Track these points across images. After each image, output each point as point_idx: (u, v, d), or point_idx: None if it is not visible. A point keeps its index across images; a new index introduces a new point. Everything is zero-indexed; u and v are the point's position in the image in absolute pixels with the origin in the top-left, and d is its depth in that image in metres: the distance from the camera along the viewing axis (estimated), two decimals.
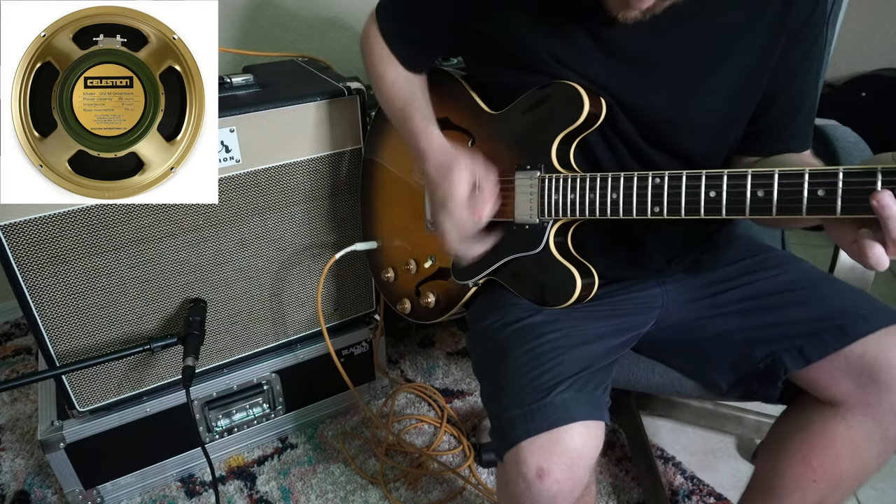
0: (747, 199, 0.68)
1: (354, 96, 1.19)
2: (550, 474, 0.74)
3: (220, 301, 1.23)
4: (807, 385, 0.85)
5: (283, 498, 1.31)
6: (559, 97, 0.84)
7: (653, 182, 0.75)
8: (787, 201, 0.65)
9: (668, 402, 1.50)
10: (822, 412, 0.84)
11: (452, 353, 1.73)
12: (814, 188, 0.64)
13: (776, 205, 0.66)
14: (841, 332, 0.81)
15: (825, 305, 0.85)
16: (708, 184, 0.71)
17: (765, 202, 0.67)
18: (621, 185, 0.78)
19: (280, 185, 1.19)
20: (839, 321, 0.82)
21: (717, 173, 0.70)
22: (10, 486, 1.34)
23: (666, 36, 0.80)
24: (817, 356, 0.82)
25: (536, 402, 0.77)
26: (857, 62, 2.26)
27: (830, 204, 0.63)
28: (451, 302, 1.04)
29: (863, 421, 0.80)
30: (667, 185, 0.74)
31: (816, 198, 0.64)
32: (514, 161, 0.90)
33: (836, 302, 0.85)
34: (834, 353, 0.80)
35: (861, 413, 0.80)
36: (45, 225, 1.00)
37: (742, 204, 0.68)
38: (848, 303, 0.85)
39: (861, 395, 0.79)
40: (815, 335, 0.82)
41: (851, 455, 0.82)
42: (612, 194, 0.79)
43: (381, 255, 1.19)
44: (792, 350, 0.84)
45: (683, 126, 0.85)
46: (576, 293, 0.86)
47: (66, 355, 1.11)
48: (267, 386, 1.36)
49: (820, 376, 0.82)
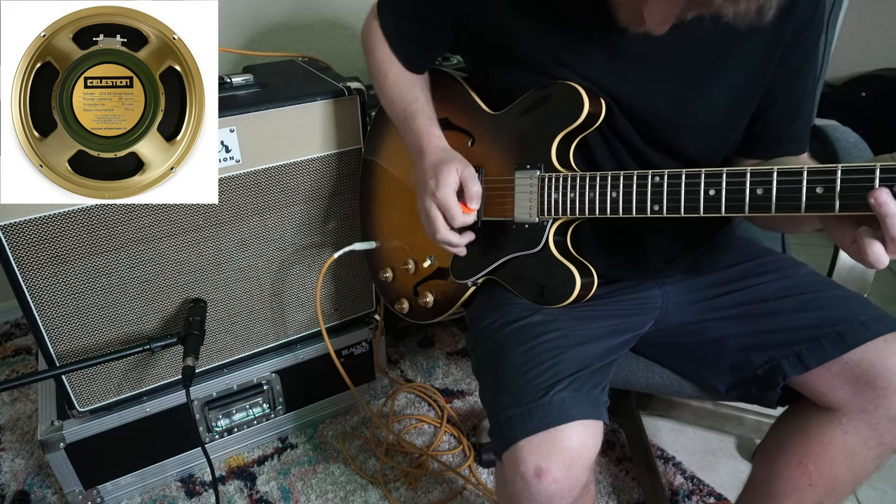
0: (746, 197, 0.68)
1: (354, 96, 1.19)
2: (548, 473, 0.74)
3: (220, 301, 1.23)
4: (804, 390, 0.85)
5: (283, 498, 1.31)
6: (559, 97, 0.84)
7: (652, 181, 0.75)
8: (786, 199, 0.66)
9: (668, 402, 1.50)
10: (818, 417, 0.84)
11: (452, 353, 1.73)
12: (812, 185, 0.64)
13: (775, 202, 0.66)
14: (840, 338, 0.81)
15: (824, 311, 0.85)
16: (707, 182, 0.71)
17: (764, 200, 0.67)
18: (621, 183, 0.78)
19: (280, 185, 1.19)
20: (838, 328, 0.82)
21: (717, 171, 0.70)
22: (10, 486, 1.34)
23: (666, 37, 0.80)
24: (816, 363, 0.82)
25: (535, 402, 0.77)
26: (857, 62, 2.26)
27: (829, 201, 0.63)
28: (450, 302, 1.04)
29: (859, 426, 0.80)
30: (666, 184, 0.74)
31: (815, 195, 0.64)
32: (514, 160, 0.90)
33: (836, 308, 0.85)
34: (832, 360, 0.81)
35: (857, 418, 0.80)
36: (45, 225, 1.00)
37: (741, 202, 0.68)
38: (847, 309, 0.85)
39: (858, 401, 0.80)
40: (814, 342, 0.82)
41: (847, 459, 0.82)
42: (611, 193, 0.79)
43: (379, 256, 1.19)
44: (791, 356, 0.84)
45: (683, 127, 0.85)
46: (574, 292, 0.86)
47: (66, 355, 1.11)
48: (267, 386, 1.36)
49: (818, 382, 0.83)
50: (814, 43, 0.84)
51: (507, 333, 0.88)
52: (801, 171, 0.64)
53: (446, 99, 1.01)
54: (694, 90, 0.83)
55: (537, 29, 0.85)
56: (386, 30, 1.00)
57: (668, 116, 0.84)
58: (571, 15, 0.82)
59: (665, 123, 0.84)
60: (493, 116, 0.94)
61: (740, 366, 0.89)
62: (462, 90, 0.99)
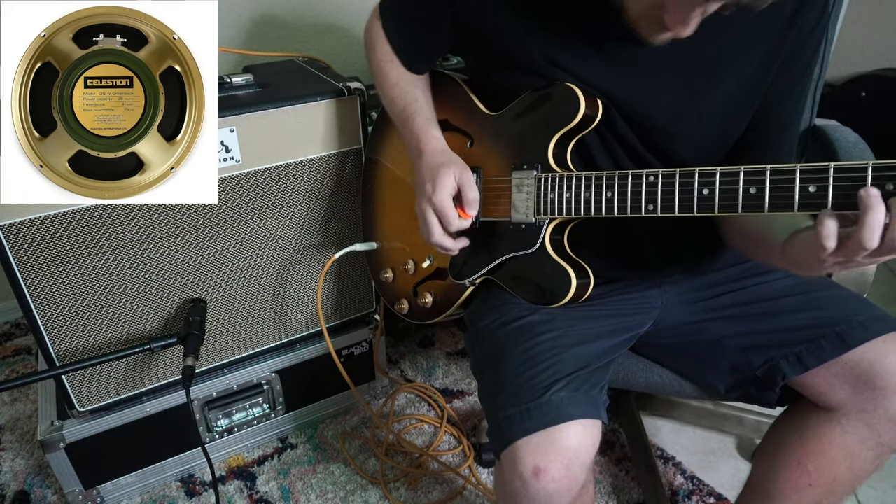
0: (740, 196, 0.68)
1: (355, 96, 1.19)
2: (547, 473, 0.74)
3: (220, 301, 1.23)
4: (804, 390, 0.85)
5: (283, 498, 1.31)
6: (556, 98, 0.85)
7: (647, 180, 0.75)
8: (779, 198, 0.66)
9: (668, 402, 1.50)
10: (818, 417, 0.84)
11: (452, 354, 1.73)
12: (805, 184, 0.64)
13: (768, 201, 0.66)
14: (839, 339, 0.81)
15: (823, 312, 0.85)
16: (701, 181, 0.71)
17: (757, 199, 0.67)
18: (616, 182, 0.78)
19: (280, 185, 1.19)
20: (837, 328, 0.82)
21: (710, 170, 0.70)
22: (10, 485, 1.34)
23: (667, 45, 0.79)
24: (815, 363, 0.82)
25: (533, 401, 0.77)
26: (857, 62, 2.26)
27: (821, 200, 0.63)
28: (449, 302, 1.04)
29: (858, 426, 0.81)
30: (660, 183, 0.74)
31: (808, 194, 0.64)
32: (512, 161, 0.90)
33: (835, 308, 0.85)
34: (832, 361, 0.81)
35: (856, 419, 0.80)
36: (45, 225, 1.01)
37: (735, 201, 0.68)
38: (846, 309, 0.85)
39: (857, 402, 0.80)
40: (814, 342, 0.82)
41: (847, 460, 0.82)
42: (606, 192, 0.79)
43: (380, 256, 1.19)
44: (790, 357, 0.84)
45: (679, 134, 0.85)
46: (570, 292, 0.86)
47: (66, 355, 1.11)
48: (267, 386, 1.36)
49: (817, 382, 0.83)
50: (811, 55, 0.83)
51: (505, 333, 0.88)
52: (794, 170, 0.64)
53: (446, 100, 1.01)
54: (691, 98, 0.83)
55: (535, 32, 0.85)
56: (387, 30, 1.00)
57: (665, 123, 0.84)
58: (571, 19, 0.82)
59: (661, 129, 0.84)
60: (491, 117, 0.95)
61: (739, 366, 0.89)
62: (462, 92, 1.00)
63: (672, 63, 0.81)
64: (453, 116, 1.00)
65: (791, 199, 0.65)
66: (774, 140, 0.88)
